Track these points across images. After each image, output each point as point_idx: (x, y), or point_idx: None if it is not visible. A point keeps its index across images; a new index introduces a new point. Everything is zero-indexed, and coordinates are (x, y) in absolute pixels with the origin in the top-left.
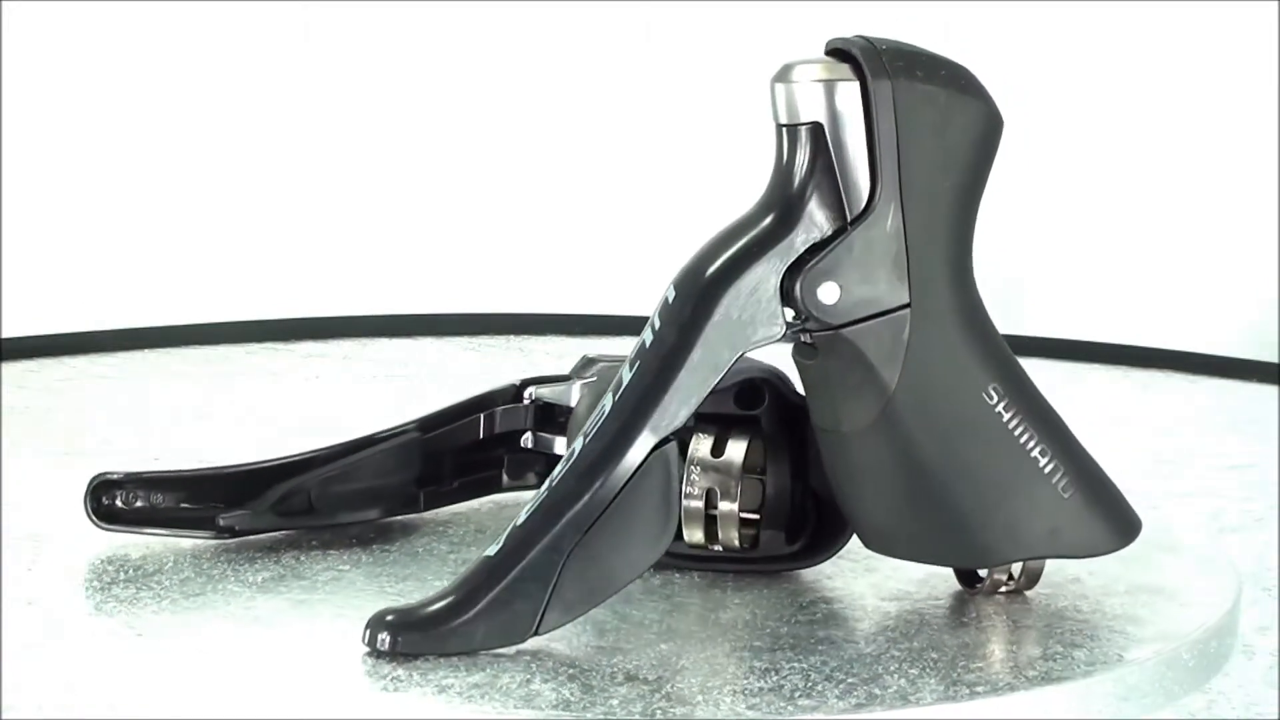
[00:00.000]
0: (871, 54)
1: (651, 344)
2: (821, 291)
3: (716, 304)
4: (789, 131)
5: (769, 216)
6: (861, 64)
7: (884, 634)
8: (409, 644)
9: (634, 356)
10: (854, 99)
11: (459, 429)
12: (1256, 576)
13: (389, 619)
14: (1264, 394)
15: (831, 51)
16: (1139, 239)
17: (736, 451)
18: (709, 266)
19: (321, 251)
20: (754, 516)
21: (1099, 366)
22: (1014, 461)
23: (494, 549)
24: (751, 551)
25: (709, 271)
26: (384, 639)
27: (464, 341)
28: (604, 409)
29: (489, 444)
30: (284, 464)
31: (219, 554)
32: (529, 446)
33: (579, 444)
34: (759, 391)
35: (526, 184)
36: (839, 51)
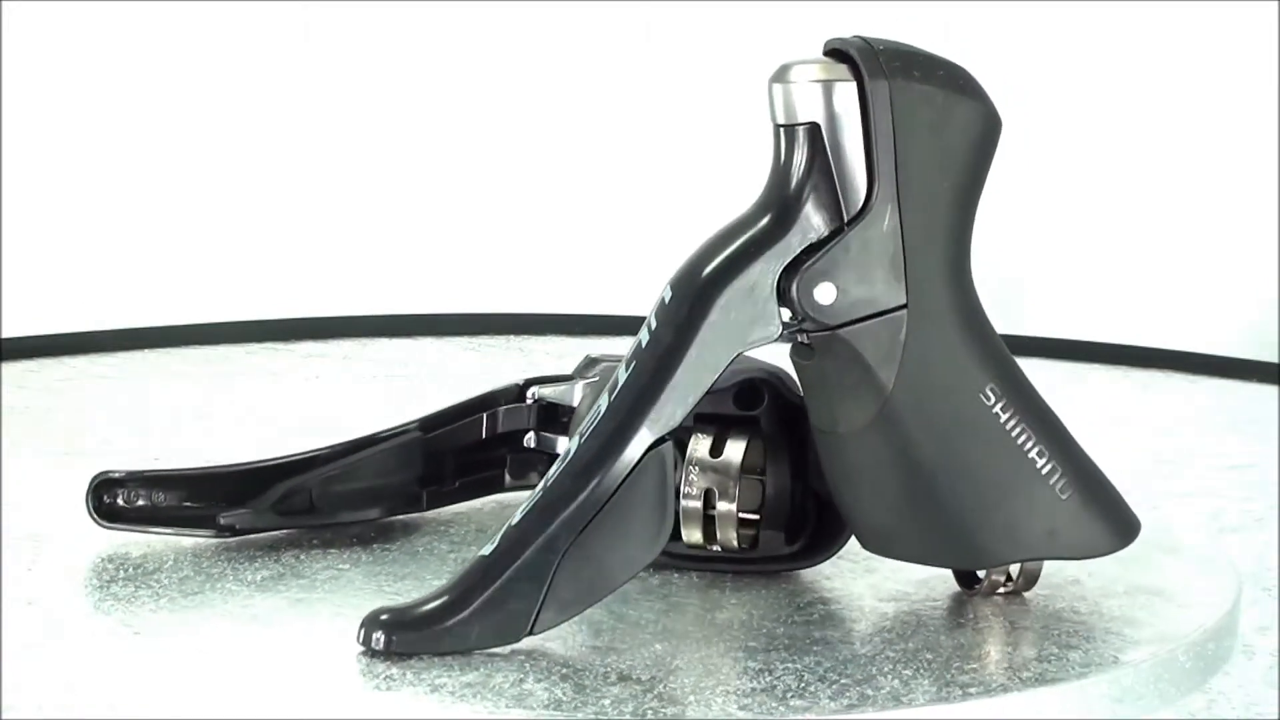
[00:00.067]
0: (869, 54)
1: (648, 344)
2: (818, 292)
3: (713, 304)
4: (786, 132)
5: (766, 217)
6: (859, 64)
7: (880, 635)
8: (403, 643)
9: (630, 356)
10: (851, 99)
11: (461, 428)
12: (1256, 576)
13: (383, 618)
14: (1264, 394)
15: (830, 52)
16: (1139, 239)
17: (735, 452)
18: (706, 267)
19: (321, 251)
20: (753, 517)
21: (1099, 366)
22: (1012, 462)
23: (489, 548)
24: (750, 552)
25: (706, 272)
26: (379, 638)
27: (464, 341)
28: (600, 409)
29: (491, 443)
30: (285, 463)
31: (219, 553)
32: (531, 446)
33: (574, 443)
34: (758, 392)
35: (526, 184)
36: (837, 52)
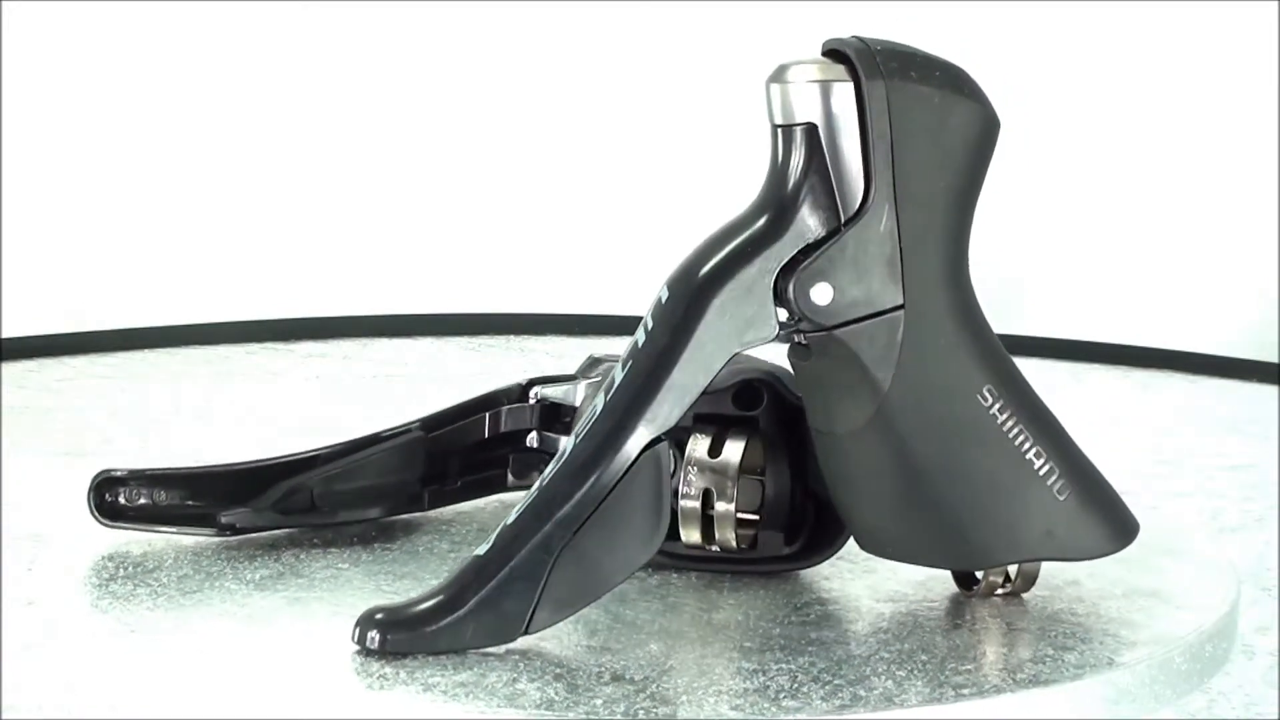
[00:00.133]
0: (866, 55)
1: (644, 344)
2: (815, 292)
3: (709, 304)
4: (784, 132)
5: (763, 217)
6: (856, 65)
7: (875, 636)
8: (398, 643)
9: (627, 356)
10: (848, 100)
11: (464, 428)
12: (1256, 576)
13: (378, 617)
14: (1264, 394)
15: (828, 52)
16: (1139, 239)
17: (734, 452)
18: (702, 267)
19: (321, 251)
20: (751, 517)
21: (1099, 366)
22: (1009, 463)
23: (484, 548)
24: (749, 552)
25: (702, 272)
26: (373, 637)
27: (464, 341)
28: (596, 408)
29: (494, 443)
30: (287, 462)
31: (219, 552)
32: (534, 446)
33: (570, 443)
34: (757, 392)
35: (526, 184)
36: (835, 52)
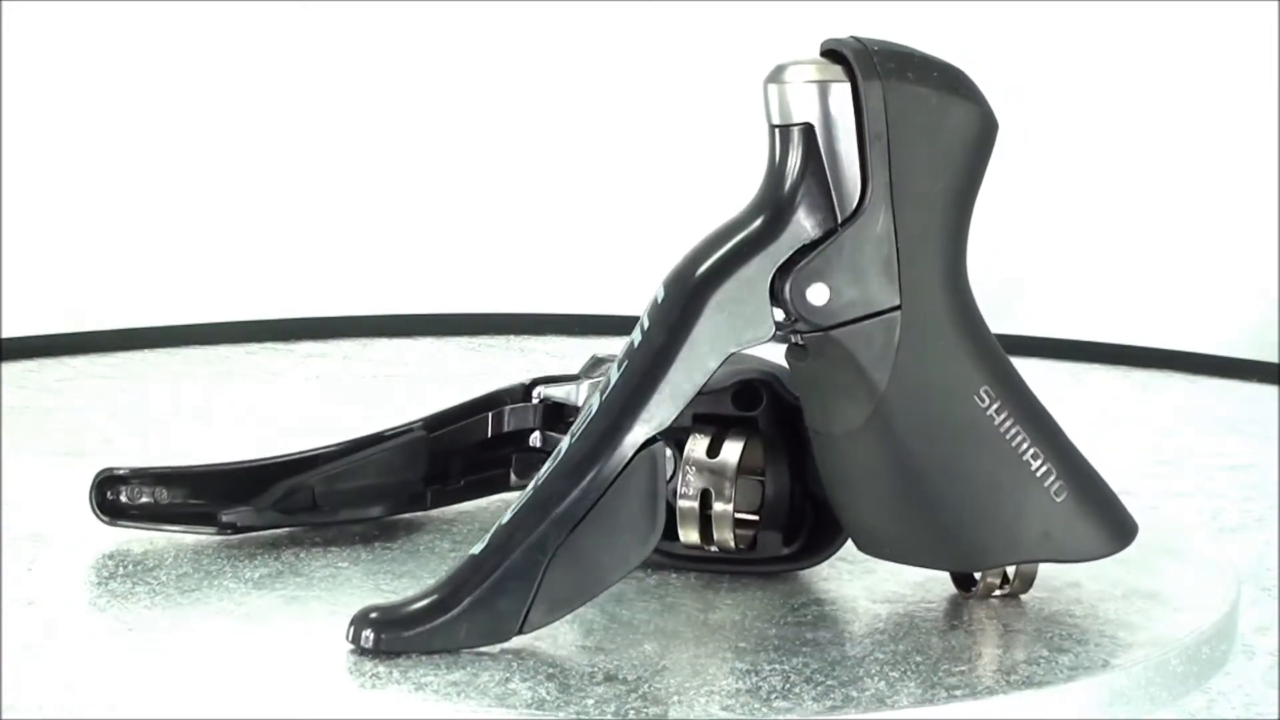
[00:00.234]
0: (863, 55)
1: (640, 344)
2: (811, 293)
3: (705, 304)
4: (781, 132)
5: (760, 217)
6: (853, 65)
7: (871, 637)
8: (392, 642)
9: (623, 356)
10: (845, 100)
11: (467, 427)
12: (1256, 576)
13: (373, 616)
14: (1264, 394)
15: (826, 53)
16: (1138, 238)
17: (732, 452)
18: (699, 267)
19: (321, 251)
20: (750, 517)
21: (1099, 366)
22: (1006, 464)
23: (479, 547)
24: (748, 553)
25: (699, 272)
26: (368, 636)
27: (464, 341)
28: (591, 408)
29: (497, 442)
30: (289, 461)
31: (220, 550)
32: (537, 446)
33: (565, 443)
34: (757, 392)
35: (527, 184)
36: (833, 53)
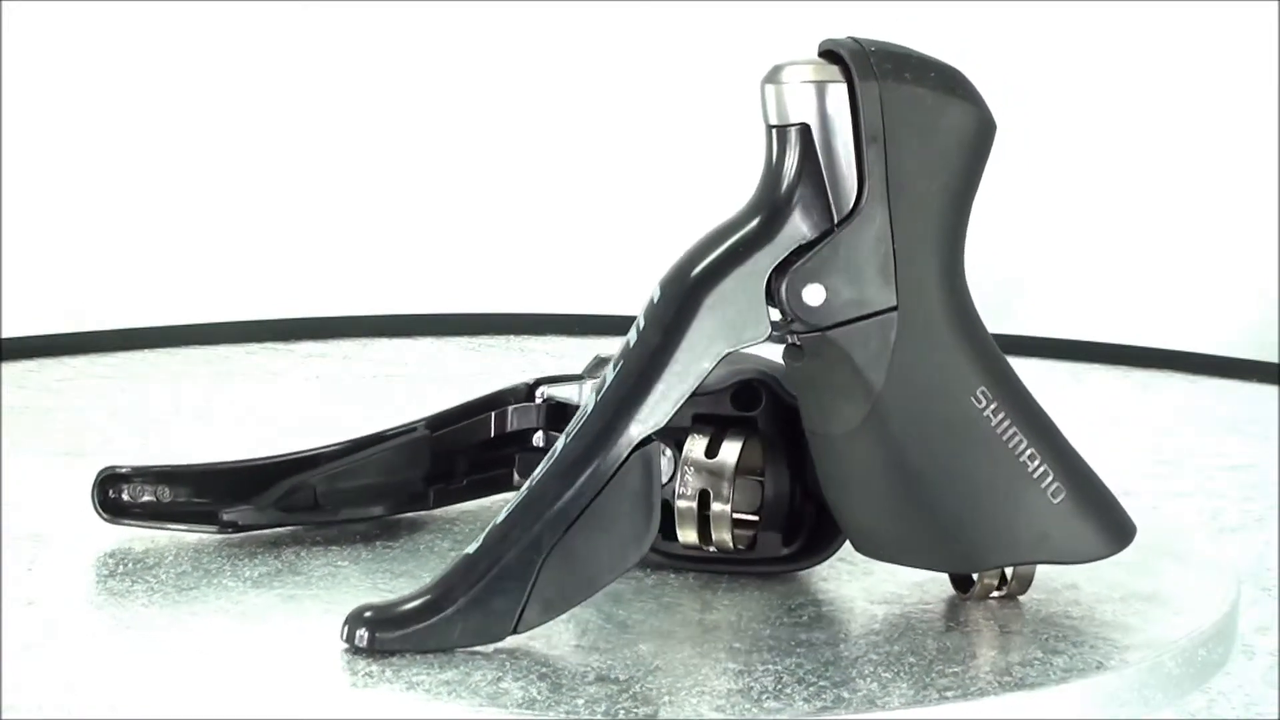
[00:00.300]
0: (860, 55)
1: (635, 344)
2: (807, 293)
3: (701, 305)
4: (778, 133)
5: (756, 218)
6: (850, 65)
7: (866, 638)
8: (385, 641)
9: (619, 356)
10: (842, 101)
11: (470, 427)
12: (1256, 576)
13: (367, 615)
14: (1264, 394)
15: (823, 53)
16: (1138, 238)
17: (730, 453)
18: (695, 267)
19: (321, 251)
20: (749, 518)
21: (1099, 366)
22: (1003, 465)
23: (473, 546)
24: (747, 553)
25: (694, 272)
26: (361, 635)
27: (464, 341)
28: (586, 408)
29: (500, 442)
30: (290, 459)
31: (220, 549)
32: (540, 445)
33: (560, 443)
34: (756, 393)
35: (527, 184)
36: (830, 53)
